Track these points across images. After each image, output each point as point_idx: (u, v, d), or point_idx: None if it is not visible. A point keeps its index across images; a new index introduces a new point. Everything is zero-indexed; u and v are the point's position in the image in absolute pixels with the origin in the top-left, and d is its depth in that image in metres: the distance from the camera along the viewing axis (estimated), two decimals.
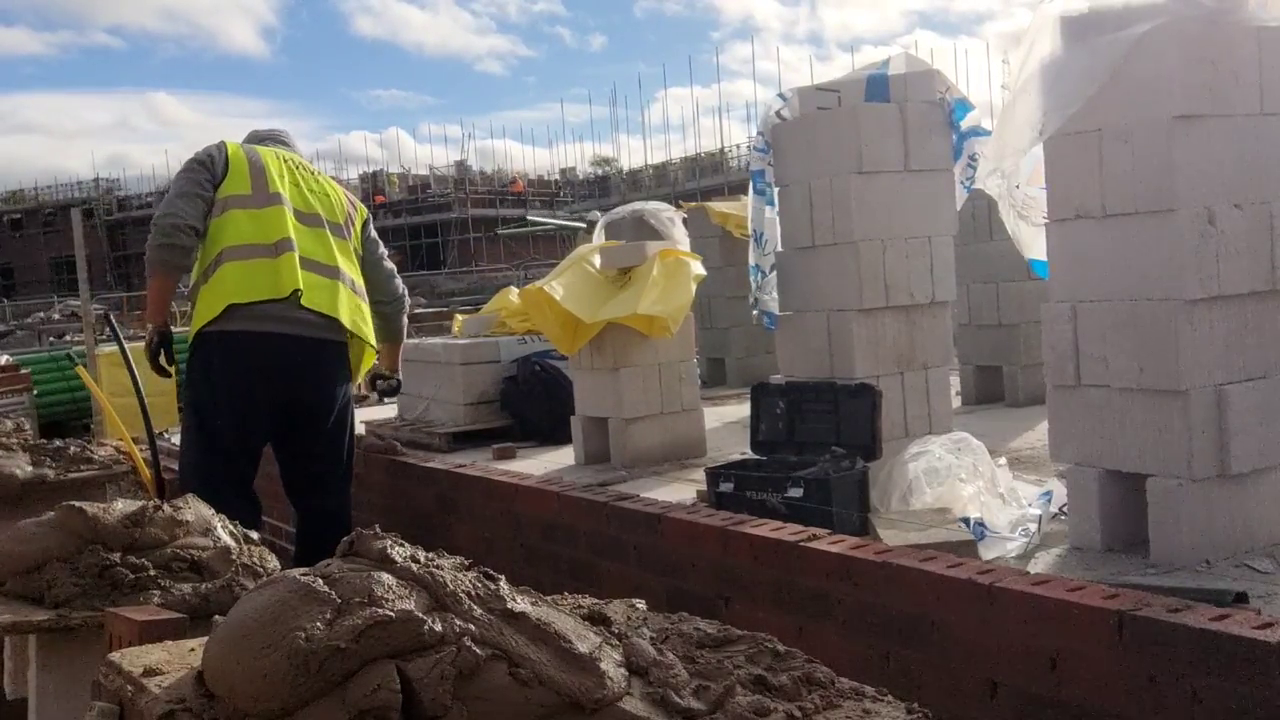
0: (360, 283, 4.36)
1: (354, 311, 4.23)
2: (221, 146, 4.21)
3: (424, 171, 55.57)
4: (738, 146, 43.27)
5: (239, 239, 4.03)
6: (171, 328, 4.29)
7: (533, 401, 5.99)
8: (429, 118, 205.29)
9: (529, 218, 43.32)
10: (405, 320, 4.87)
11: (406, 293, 4.80)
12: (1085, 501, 3.21)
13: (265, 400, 4.07)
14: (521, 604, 1.48)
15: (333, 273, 4.18)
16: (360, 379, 4.56)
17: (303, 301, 4.02)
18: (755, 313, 4.94)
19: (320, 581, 1.47)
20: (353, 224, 4.42)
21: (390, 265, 4.68)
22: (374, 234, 4.61)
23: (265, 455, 4.36)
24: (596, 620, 1.55)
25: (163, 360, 4.18)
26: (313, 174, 4.42)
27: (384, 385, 4.97)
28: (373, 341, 4.37)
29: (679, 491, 4.37)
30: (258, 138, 4.51)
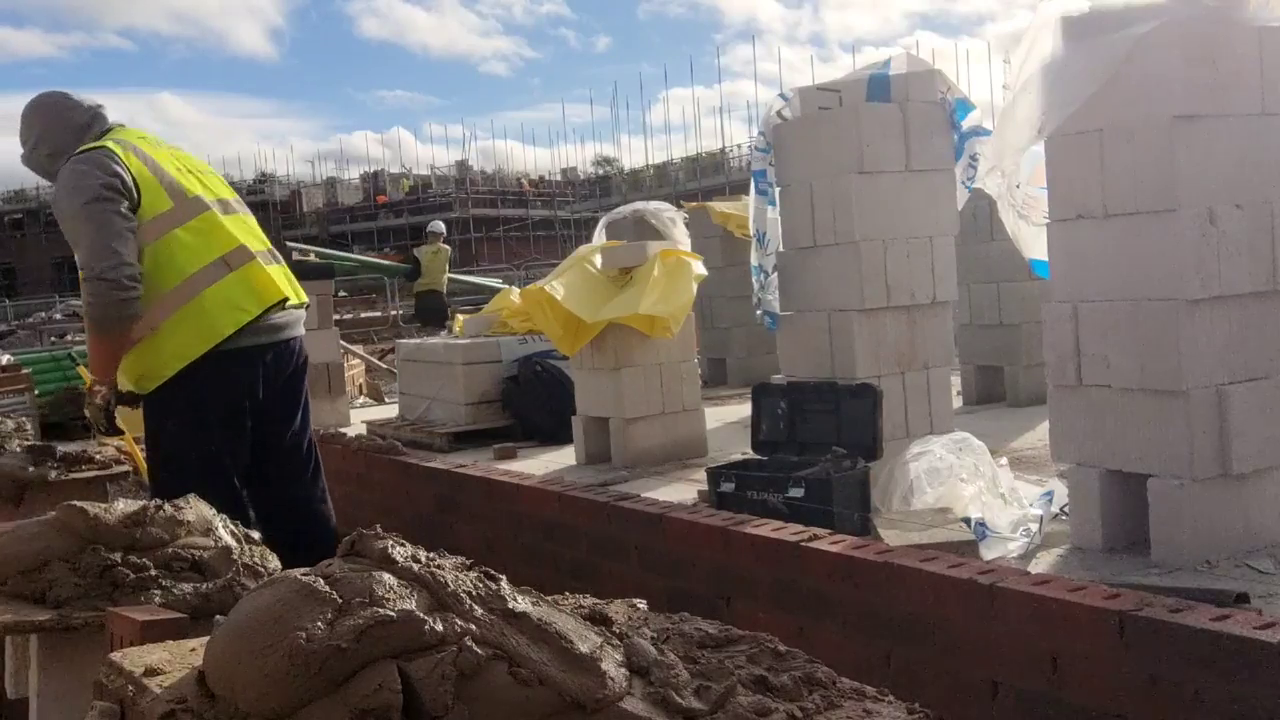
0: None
1: (294, 283, 3.85)
2: (116, 158, 3.56)
3: (425, 171, 55.60)
4: (739, 146, 43.24)
5: (192, 264, 3.55)
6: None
7: (534, 401, 5.99)
8: (434, 119, 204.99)
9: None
10: None
11: None
12: (1086, 502, 3.21)
13: (251, 418, 3.71)
14: (522, 604, 1.48)
15: (274, 256, 3.81)
16: None
17: (284, 300, 3.68)
18: (759, 313, 4.94)
19: (321, 581, 1.47)
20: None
21: None
22: None
23: None
24: (597, 620, 1.55)
25: (118, 420, 3.70)
26: (184, 153, 3.89)
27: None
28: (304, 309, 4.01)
29: (680, 491, 4.37)
30: (101, 123, 3.79)
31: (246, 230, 3.78)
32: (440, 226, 17.79)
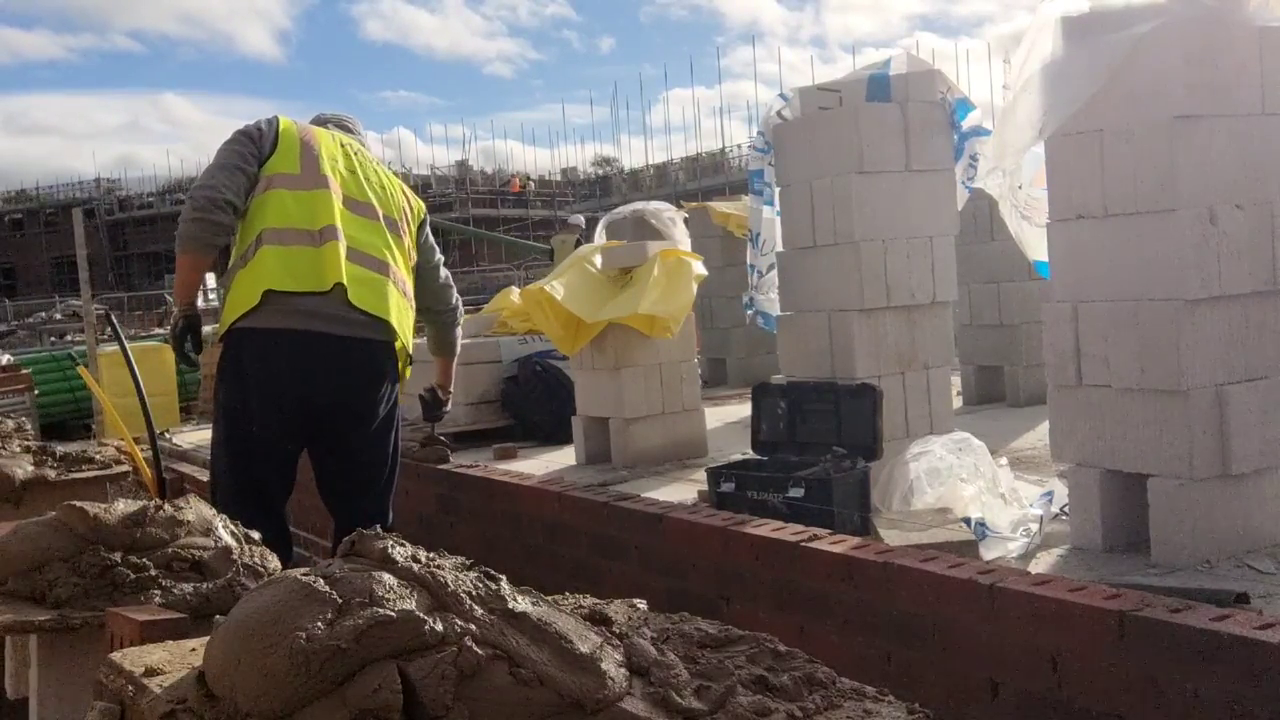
0: (410, 285, 3.94)
1: (401, 314, 3.82)
2: (273, 121, 3.85)
3: (425, 171, 55.59)
4: (739, 147, 43.24)
5: (280, 221, 3.65)
6: (201, 315, 3.92)
7: (533, 401, 6.00)
8: (438, 119, 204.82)
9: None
10: (459, 333, 4.42)
11: (460, 305, 4.37)
12: (1086, 502, 3.21)
13: (300, 403, 3.66)
14: (522, 604, 1.48)
15: (382, 268, 3.76)
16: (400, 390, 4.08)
17: (349, 298, 3.61)
18: (750, 312, 4.94)
19: (321, 581, 1.47)
20: (409, 222, 4.00)
21: (446, 273, 4.26)
22: (431, 238, 4.18)
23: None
24: (597, 620, 1.55)
25: (189, 349, 3.85)
26: (372, 163, 4.00)
27: (433, 409, 4.45)
28: (411, 350, 3.97)
29: (680, 491, 4.37)
30: (322, 120, 4.14)
31: (367, 232, 3.77)
32: (577, 220, 18.18)
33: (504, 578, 1.53)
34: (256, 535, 2.66)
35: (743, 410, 5.60)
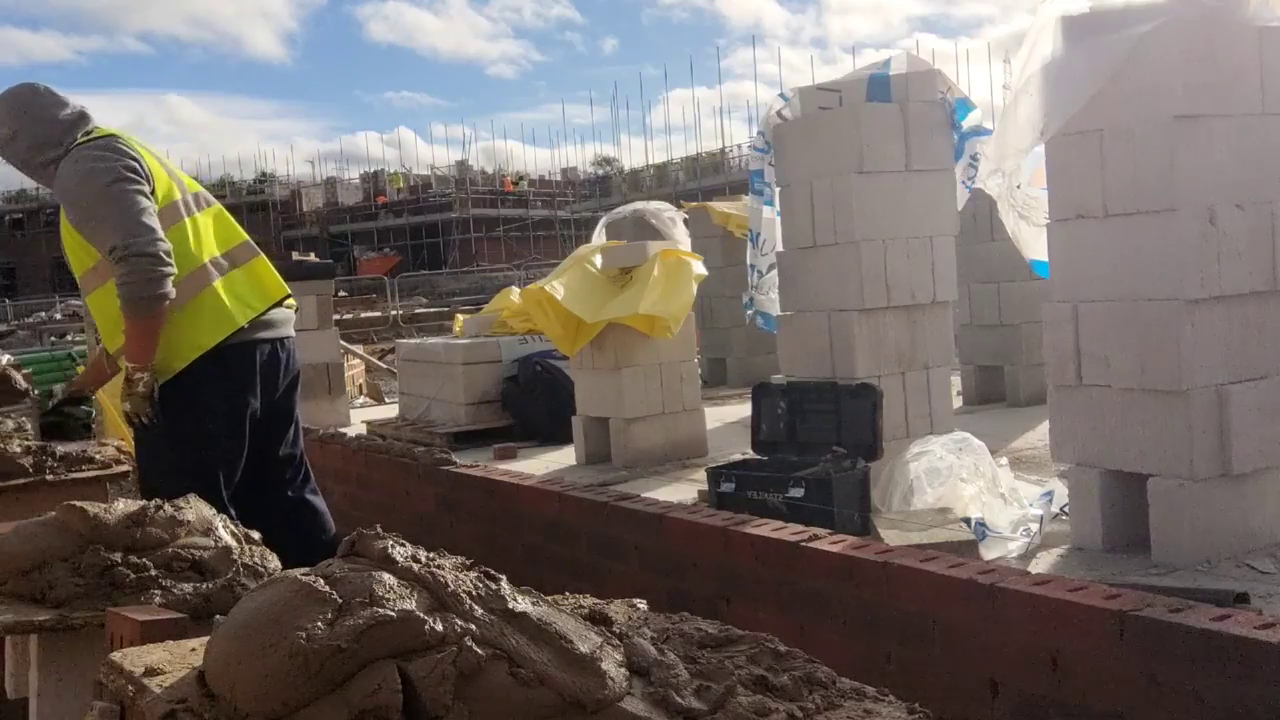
0: None
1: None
2: (127, 143, 3.53)
3: (425, 171, 55.59)
4: (739, 147, 43.21)
5: (204, 254, 3.52)
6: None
7: (534, 401, 6.00)
8: (440, 120, 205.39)
9: None
10: None
11: None
12: (1086, 501, 3.21)
13: (252, 412, 3.60)
14: (522, 604, 1.48)
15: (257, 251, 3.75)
16: None
17: (286, 302, 3.67)
18: (749, 312, 4.93)
19: (321, 581, 1.47)
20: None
21: None
22: None
23: None
24: (598, 620, 1.55)
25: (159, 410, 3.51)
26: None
27: None
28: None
29: (680, 491, 4.37)
30: (87, 121, 3.65)
31: (233, 230, 3.74)
32: None
33: (504, 578, 1.53)
34: (256, 535, 2.66)
35: (743, 410, 5.60)
